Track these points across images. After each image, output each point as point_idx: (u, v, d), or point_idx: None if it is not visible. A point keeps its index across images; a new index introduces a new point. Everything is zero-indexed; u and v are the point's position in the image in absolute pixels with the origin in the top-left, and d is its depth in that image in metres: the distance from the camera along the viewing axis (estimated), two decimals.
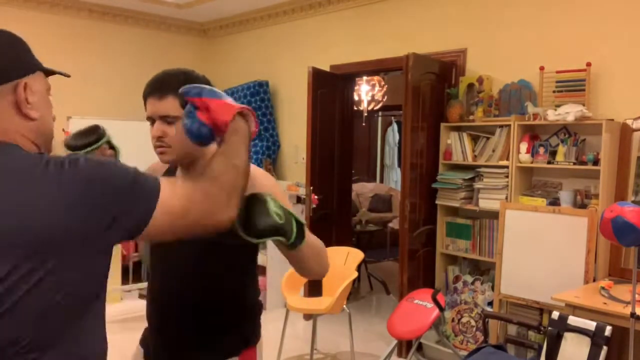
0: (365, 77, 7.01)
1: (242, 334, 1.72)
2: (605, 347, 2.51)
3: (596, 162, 3.40)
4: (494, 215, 3.83)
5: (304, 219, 1.44)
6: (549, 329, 2.70)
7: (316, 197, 4.90)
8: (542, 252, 3.44)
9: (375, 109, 7.51)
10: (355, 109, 6.09)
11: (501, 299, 3.66)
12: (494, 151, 3.95)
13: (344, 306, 3.97)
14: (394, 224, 7.29)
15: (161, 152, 1.58)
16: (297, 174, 5.65)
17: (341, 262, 4.22)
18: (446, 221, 4.24)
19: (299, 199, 5.37)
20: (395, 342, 3.80)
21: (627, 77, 3.50)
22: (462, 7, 4.38)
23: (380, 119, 9.92)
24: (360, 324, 4.89)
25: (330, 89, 5.14)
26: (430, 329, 3.60)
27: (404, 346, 4.13)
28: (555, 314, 2.72)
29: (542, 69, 3.75)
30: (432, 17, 4.59)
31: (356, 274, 4.10)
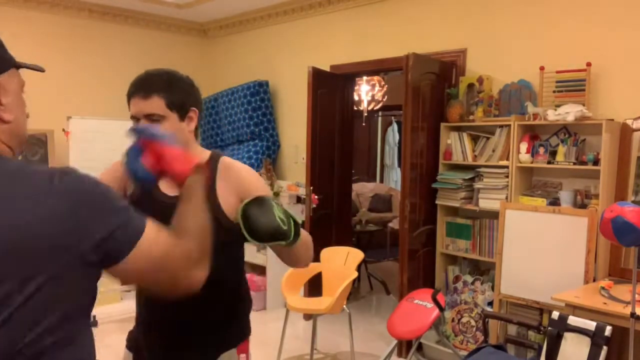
0: (365, 77, 7.01)
1: (240, 328, 1.76)
2: (605, 347, 2.51)
3: (596, 162, 3.40)
4: (494, 215, 3.83)
5: (299, 217, 1.48)
6: (549, 329, 2.70)
7: (316, 197, 4.90)
8: (542, 252, 3.44)
9: (375, 109, 7.51)
10: (355, 109, 6.08)
11: (501, 299, 3.66)
12: (494, 151, 3.95)
13: (344, 306, 3.97)
14: (394, 224, 7.29)
15: None
16: (297, 174, 5.65)
17: (341, 262, 4.22)
18: (446, 221, 4.24)
19: (299, 199, 5.37)
20: (395, 342, 3.80)
21: (627, 77, 3.50)
22: (462, 7, 4.38)
23: (380, 119, 9.92)
24: (360, 324, 4.89)
25: (330, 89, 5.14)
26: (430, 329, 3.60)
27: (404, 346, 4.13)
28: (555, 314, 2.72)
29: (542, 69, 3.75)
30: (432, 17, 4.59)
31: (356, 274, 4.10)
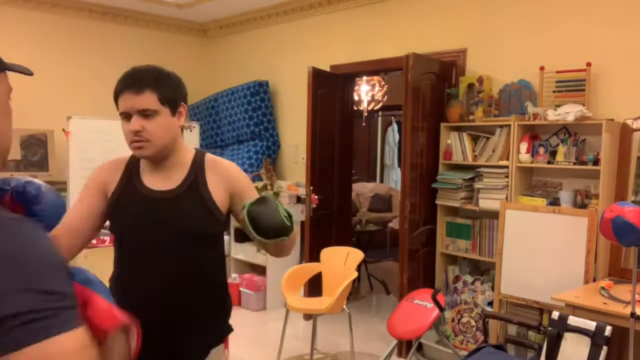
0: (365, 77, 7.00)
1: (228, 322, 1.78)
2: (605, 347, 2.51)
3: (596, 162, 3.40)
4: (494, 215, 3.83)
5: (292, 212, 1.50)
6: (549, 329, 2.70)
7: (316, 197, 4.90)
8: (542, 252, 3.44)
9: (375, 109, 7.50)
10: (355, 109, 6.08)
11: (501, 299, 3.66)
12: (494, 151, 3.95)
13: (344, 306, 3.97)
14: (394, 224, 7.29)
15: (139, 147, 1.60)
16: (297, 174, 5.65)
17: (341, 262, 4.22)
18: (446, 221, 4.24)
19: (299, 199, 5.37)
20: (395, 342, 3.80)
21: (627, 77, 3.50)
22: (462, 7, 4.38)
23: (380, 119, 9.92)
24: (360, 324, 4.89)
25: (330, 89, 5.14)
26: (430, 329, 3.60)
27: (404, 346, 4.13)
28: (555, 314, 2.72)
29: (542, 69, 3.75)
30: (432, 17, 4.59)
31: (356, 274, 4.10)
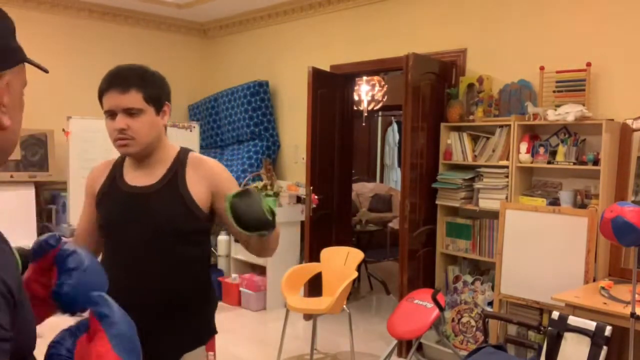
0: (365, 77, 7.00)
1: (209, 324, 1.76)
2: (605, 347, 2.51)
3: (596, 162, 3.40)
4: (494, 215, 3.83)
5: (275, 211, 1.49)
6: (549, 329, 2.69)
7: (316, 197, 4.90)
8: (542, 252, 3.44)
9: (375, 109, 7.51)
10: (355, 109, 6.09)
11: (501, 299, 3.66)
12: (494, 151, 3.95)
13: (344, 306, 3.97)
14: (394, 224, 7.29)
15: (124, 145, 1.61)
16: (297, 174, 5.65)
17: (341, 262, 4.22)
18: (446, 221, 4.24)
19: (299, 199, 5.37)
20: (395, 342, 3.80)
21: (627, 77, 3.50)
22: (462, 7, 4.38)
23: (380, 119, 9.92)
24: (360, 324, 4.89)
25: (330, 89, 5.14)
26: (430, 329, 3.60)
27: (404, 346, 4.12)
28: (555, 314, 2.72)
29: (542, 69, 3.75)
30: (432, 17, 4.59)
31: (356, 274, 4.10)
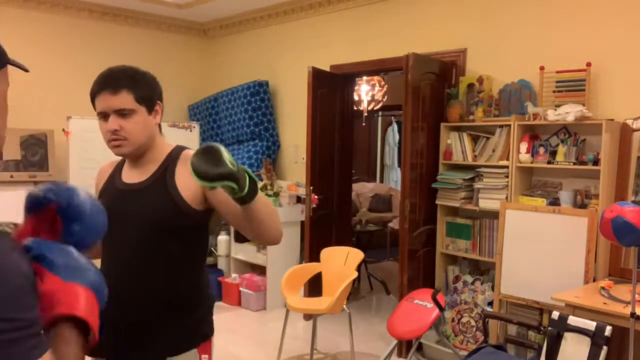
0: (365, 77, 7.01)
1: (201, 326, 1.72)
2: (605, 347, 2.51)
3: (596, 162, 3.40)
4: (494, 215, 3.83)
5: (255, 176, 1.47)
6: (549, 329, 2.70)
7: (316, 197, 4.90)
8: (542, 252, 3.44)
9: (375, 109, 7.51)
10: (355, 109, 6.08)
11: (501, 299, 3.66)
12: (494, 151, 3.95)
13: (344, 306, 3.97)
14: (394, 224, 7.29)
15: (117, 145, 1.64)
16: (297, 174, 5.65)
17: (341, 262, 4.22)
18: (446, 221, 4.24)
19: (299, 199, 5.37)
20: (395, 342, 3.80)
21: (627, 77, 3.50)
22: (462, 7, 4.38)
23: (380, 119, 9.92)
24: (360, 324, 4.89)
25: (330, 89, 5.14)
26: (430, 329, 3.60)
27: (404, 346, 4.12)
28: (555, 314, 2.72)
29: (542, 69, 3.75)
30: (432, 17, 4.59)
31: (356, 274, 4.10)
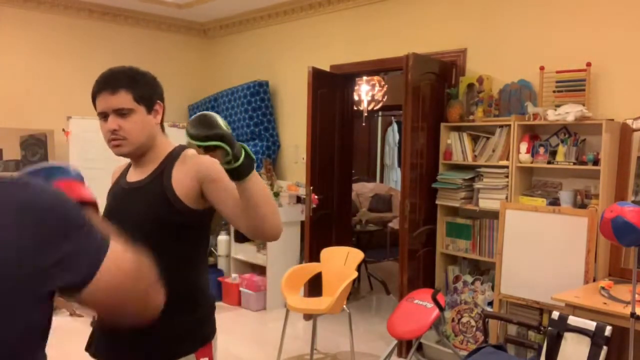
0: (365, 77, 7.01)
1: (199, 329, 1.70)
2: (605, 347, 2.51)
3: (596, 162, 3.40)
4: (494, 215, 3.83)
5: (253, 155, 1.50)
6: (549, 329, 2.70)
7: (316, 197, 4.90)
8: (542, 252, 3.44)
9: (375, 109, 7.51)
10: (355, 109, 6.08)
11: (501, 299, 3.66)
12: (494, 151, 3.95)
13: (344, 306, 3.97)
14: (394, 224, 7.28)
15: (117, 145, 1.65)
16: (297, 174, 5.65)
17: (341, 262, 4.22)
18: (446, 221, 4.24)
19: (299, 199, 5.37)
20: (395, 342, 3.80)
21: (627, 77, 3.50)
22: (462, 7, 4.38)
23: (380, 119, 9.92)
24: (360, 324, 4.89)
25: (330, 89, 5.14)
26: (430, 329, 3.60)
27: (404, 346, 4.12)
28: (555, 314, 2.72)
29: (542, 69, 3.75)
30: (432, 17, 4.59)
31: (356, 274, 4.10)
